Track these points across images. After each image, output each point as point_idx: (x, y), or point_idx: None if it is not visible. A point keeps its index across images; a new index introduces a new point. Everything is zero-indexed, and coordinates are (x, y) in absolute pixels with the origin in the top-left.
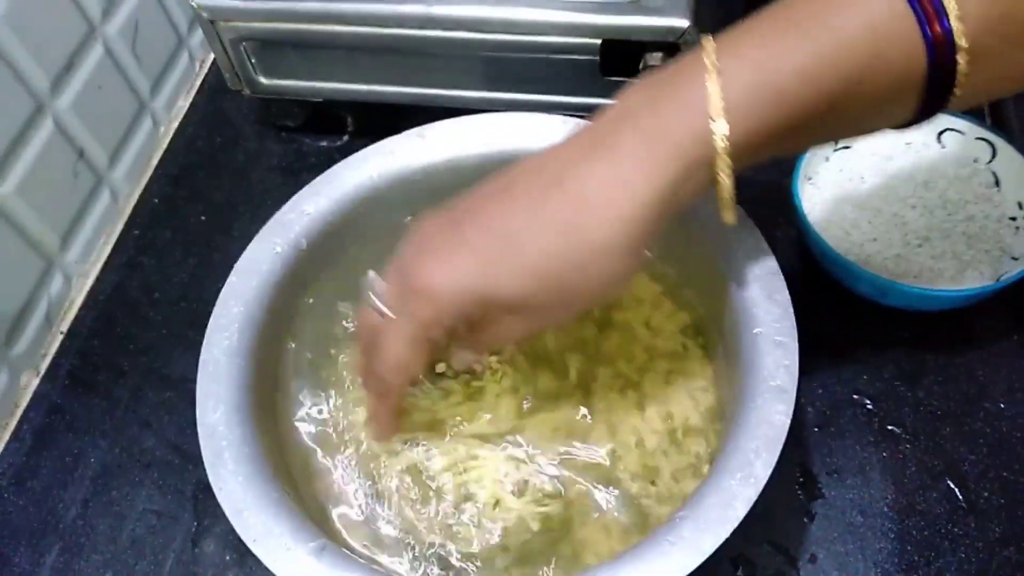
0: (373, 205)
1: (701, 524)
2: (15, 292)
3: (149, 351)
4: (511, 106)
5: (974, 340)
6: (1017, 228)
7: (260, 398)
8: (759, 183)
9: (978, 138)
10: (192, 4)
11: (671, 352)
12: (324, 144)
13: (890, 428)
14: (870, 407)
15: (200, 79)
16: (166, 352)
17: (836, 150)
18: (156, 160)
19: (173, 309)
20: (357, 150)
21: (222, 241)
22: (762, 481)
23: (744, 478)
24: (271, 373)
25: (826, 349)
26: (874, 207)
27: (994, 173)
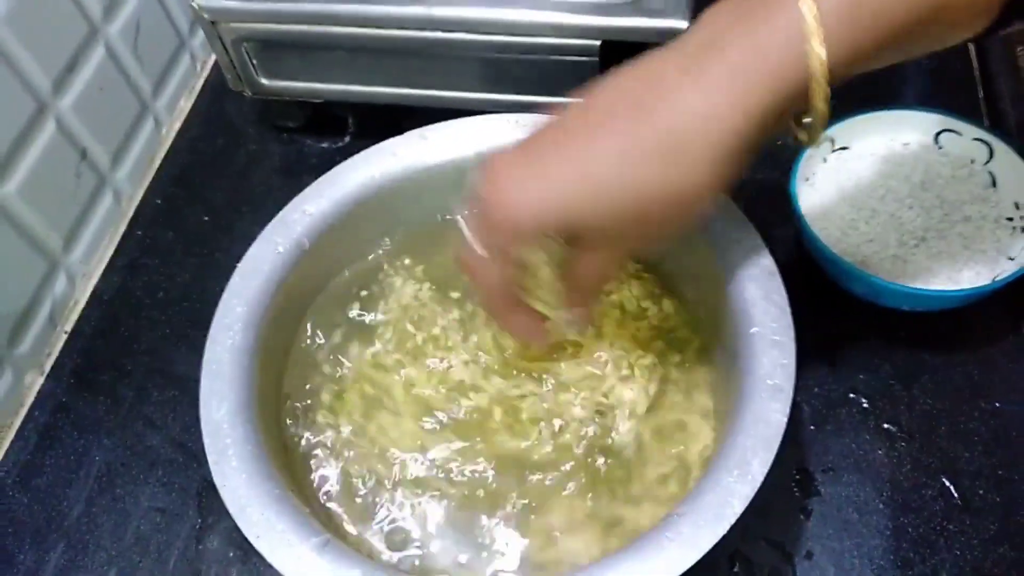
0: (375, 206)
1: (698, 521)
2: (19, 292)
3: (153, 350)
4: (512, 107)
5: (970, 340)
6: (1014, 229)
7: (263, 396)
8: (757, 183)
9: (975, 139)
10: (193, 5)
11: (667, 351)
12: (325, 145)
13: (886, 426)
14: (866, 406)
15: (202, 80)
16: (169, 351)
17: (834, 151)
18: (158, 161)
19: (176, 309)
20: (358, 151)
21: (224, 241)
22: (759, 479)
23: (741, 475)
24: (274, 371)
25: (823, 348)
26: (871, 208)
27: (991, 174)
